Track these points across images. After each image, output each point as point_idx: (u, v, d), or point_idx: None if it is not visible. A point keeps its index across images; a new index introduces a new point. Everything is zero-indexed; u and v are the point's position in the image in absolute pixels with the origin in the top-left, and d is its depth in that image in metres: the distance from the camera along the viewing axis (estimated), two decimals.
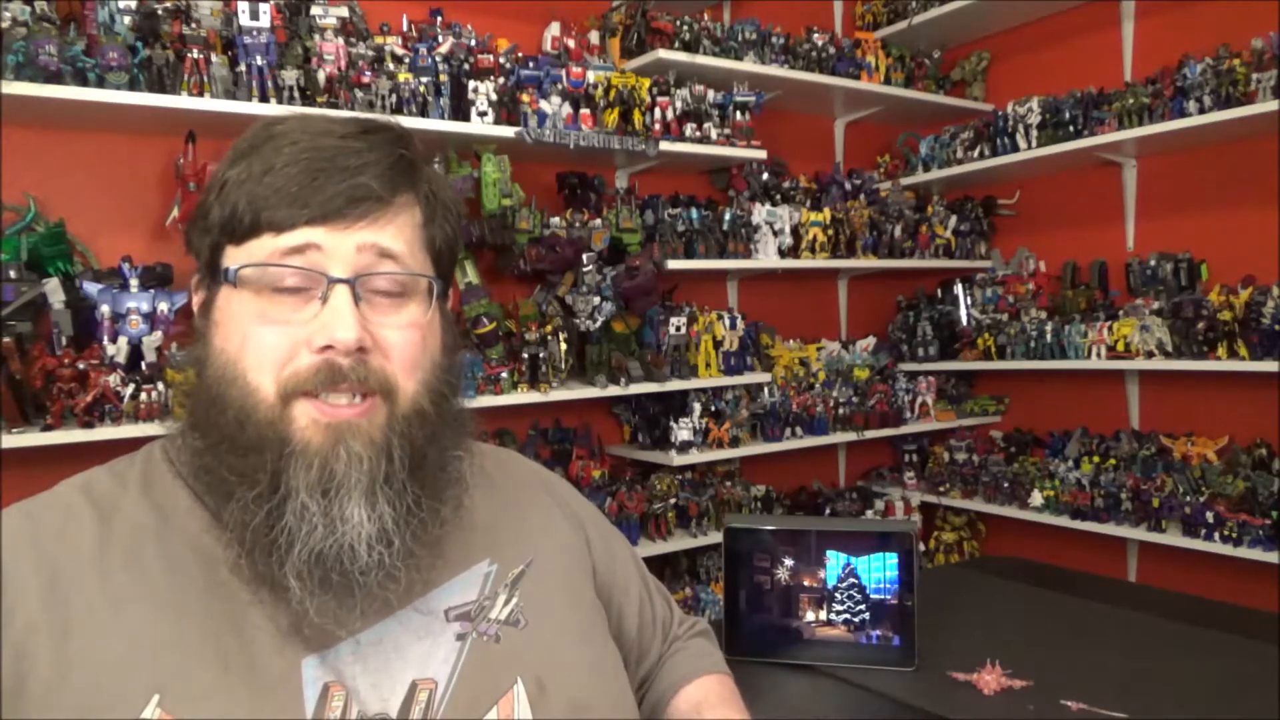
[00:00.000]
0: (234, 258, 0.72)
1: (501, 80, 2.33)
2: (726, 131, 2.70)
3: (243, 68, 1.97)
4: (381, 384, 0.72)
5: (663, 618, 1.01)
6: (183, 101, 1.89)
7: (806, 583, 1.38)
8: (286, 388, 0.69)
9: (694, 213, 2.71)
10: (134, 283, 1.90)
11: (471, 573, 0.81)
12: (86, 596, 0.67)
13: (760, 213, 2.81)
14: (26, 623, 0.65)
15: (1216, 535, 2.44)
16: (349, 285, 0.71)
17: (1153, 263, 2.83)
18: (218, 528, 0.72)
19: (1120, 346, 2.72)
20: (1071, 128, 2.89)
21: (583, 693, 0.78)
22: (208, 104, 1.91)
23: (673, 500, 2.62)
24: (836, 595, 1.37)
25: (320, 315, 0.70)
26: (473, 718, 0.72)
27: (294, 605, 0.69)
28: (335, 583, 0.69)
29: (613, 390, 2.46)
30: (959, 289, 3.30)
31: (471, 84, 2.27)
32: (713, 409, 2.72)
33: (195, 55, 1.92)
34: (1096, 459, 2.86)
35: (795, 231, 2.91)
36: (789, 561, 1.38)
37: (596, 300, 2.45)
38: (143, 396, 1.81)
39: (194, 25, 1.95)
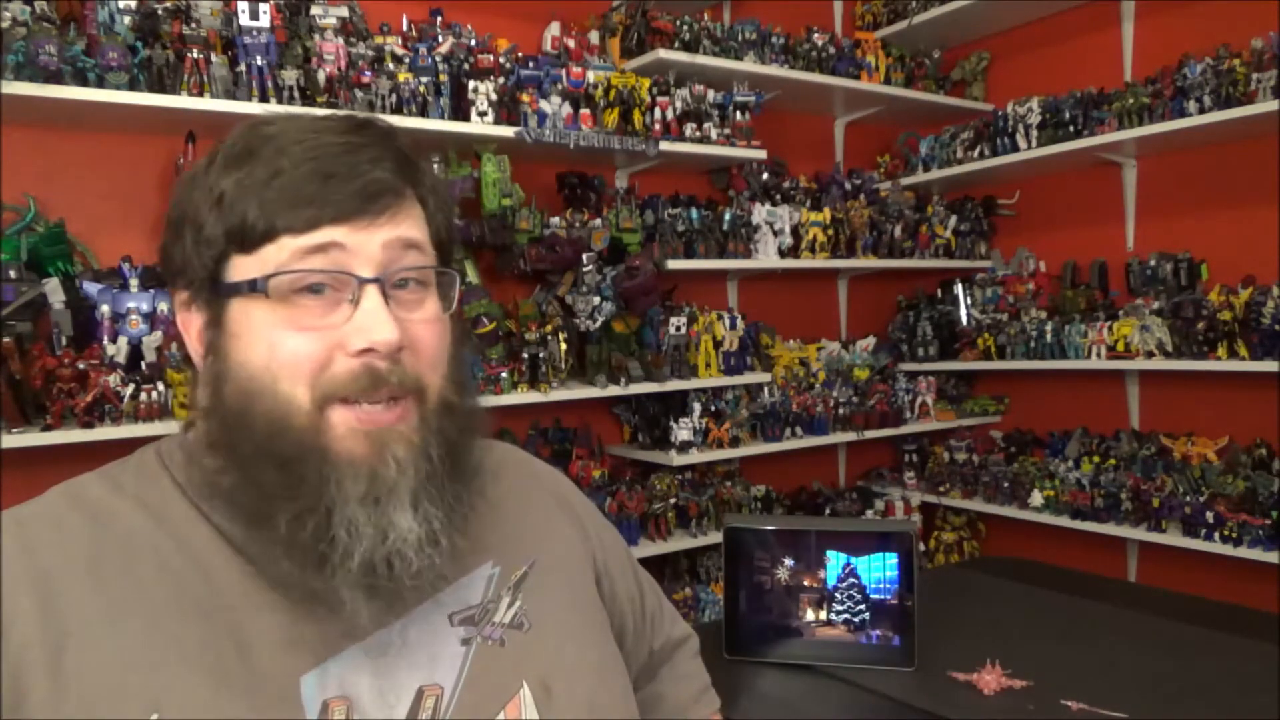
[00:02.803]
0: (246, 266, 0.70)
1: (501, 80, 2.33)
2: (726, 131, 2.70)
3: (243, 68, 1.97)
4: (414, 384, 0.71)
5: (651, 612, 1.01)
6: (183, 101, 1.89)
7: (806, 583, 1.38)
8: (324, 393, 0.68)
9: (694, 213, 2.71)
10: (134, 283, 1.90)
11: (475, 575, 0.80)
12: (82, 610, 0.65)
13: (760, 213, 2.81)
14: (22, 638, 0.64)
15: (1216, 535, 2.44)
16: (378, 285, 0.69)
17: (1153, 263, 2.83)
18: (219, 539, 0.70)
19: (1120, 346, 2.72)
20: (1071, 128, 2.89)
21: (589, 694, 0.78)
22: (208, 104, 1.91)
23: (673, 500, 2.62)
24: (836, 595, 1.36)
25: (354, 318, 0.68)
26: None
27: (346, 616, 0.68)
28: (383, 589, 0.68)
29: (613, 390, 2.46)
30: (959, 289, 3.30)
31: (471, 84, 2.27)
32: (713, 409, 2.72)
33: (195, 55, 1.92)
34: (1096, 459, 2.86)
35: (795, 231, 2.91)
36: (789, 561, 1.38)
37: (596, 300, 2.45)
38: (143, 396, 1.81)
39: (194, 25, 1.95)
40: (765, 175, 2.94)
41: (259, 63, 1.97)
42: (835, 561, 1.37)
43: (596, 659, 0.83)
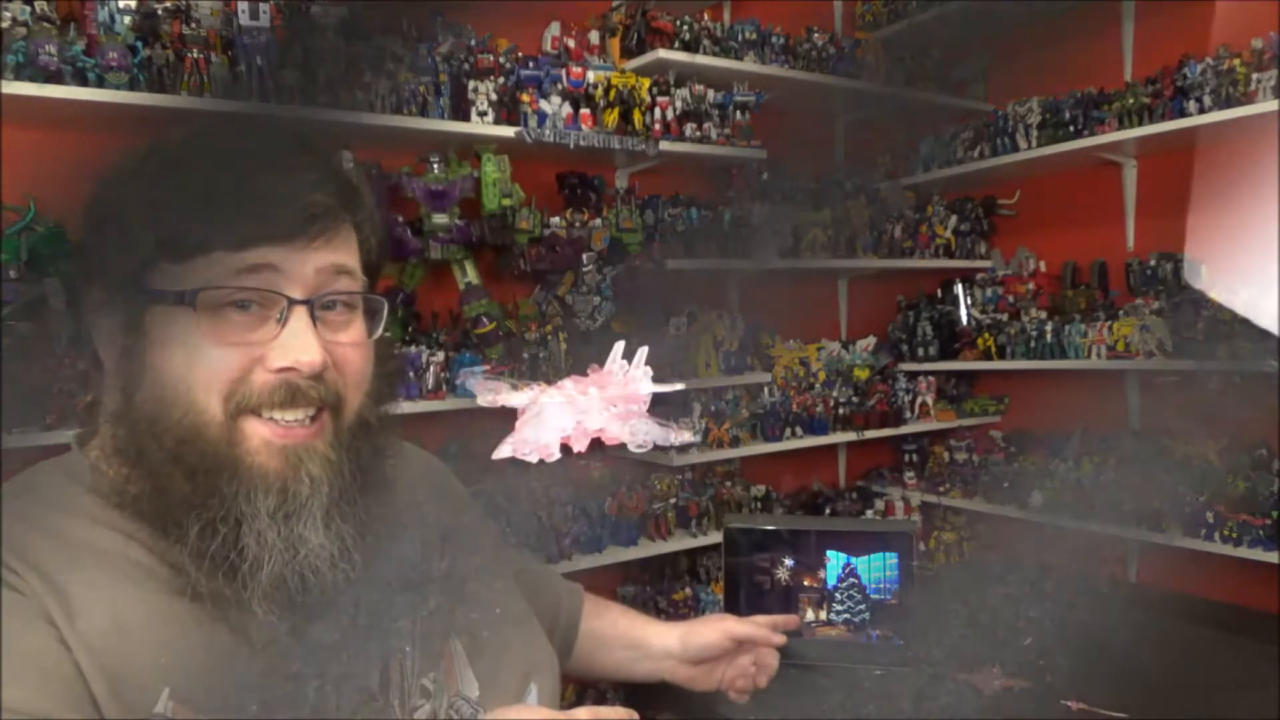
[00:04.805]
0: (172, 275, 0.68)
1: (501, 80, 2.33)
2: (726, 131, 2.70)
3: (243, 67, 1.97)
4: (333, 399, 0.72)
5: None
6: (183, 101, 1.89)
7: (806, 583, 1.37)
8: (238, 405, 0.68)
9: (694, 213, 2.71)
10: None
11: (403, 541, 0.85)
12: (75, 593, 0.65)
13: (760, 213, 2.81)
14: (42, 593, 0.64)
15: (1216, 535, 2.44)
16: (308, 307, 0.70)
17: (1153, 263, 2.83)
18: (159, 539, 0.70)
19: (1120, 346, 2.72)
20: (1071, 128, 2.88)
21: (510, 646, 0.86)
22: (208, 104, 1.91)
23: (673, 500, 2.61)
24: (836, 595, 1.36)
25: (280, 337, 0.69)
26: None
27: (264, 627, 0.69)
28: (299, 603, 0.70)
29: None
30: (959, 289, 3.30)
31: (471, 84, 2.27)
32: (713, 409, 2.71)
33: (195, 55, 1.92)
34: (1096, 459, 2.86)
35: (795, 231, 2.90)
36: (789, 561, 1.38)
37: (596, 300, 2.45)
38: None
39: (194, 25, 1.95)
40: (765, 175, 2.94)
41: (259, 63, 1.97)
42: (835, 561, 1.37)
43: (509, 612, 0.89)
